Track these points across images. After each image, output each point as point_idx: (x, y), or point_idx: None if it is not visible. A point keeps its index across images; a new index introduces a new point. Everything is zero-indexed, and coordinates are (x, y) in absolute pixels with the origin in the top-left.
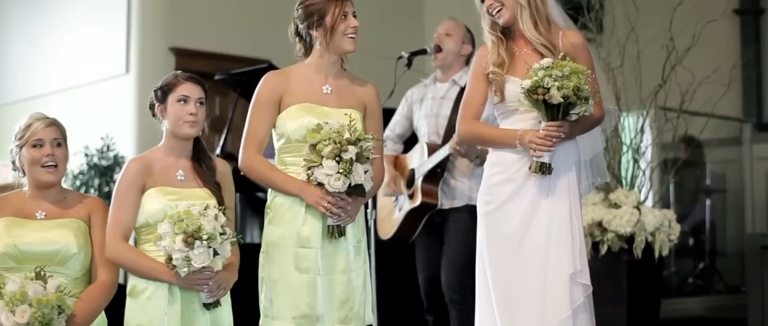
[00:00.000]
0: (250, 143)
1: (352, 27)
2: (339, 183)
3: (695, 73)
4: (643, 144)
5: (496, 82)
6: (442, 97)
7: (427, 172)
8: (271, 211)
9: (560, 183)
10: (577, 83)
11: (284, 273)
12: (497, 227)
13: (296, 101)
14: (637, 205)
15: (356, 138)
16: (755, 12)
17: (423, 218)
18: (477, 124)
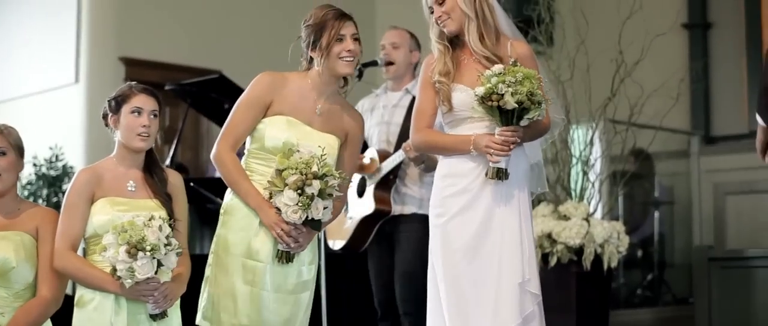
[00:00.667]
0: (228, 137)
1: (347, 50)
2: (296, 216)
3: (644, 87)
4: (593, 156)
5: (443, 91)
6: (395, 105)
7: (379, 179)
8: (227, 214)
9: (512, 191)
10: (530, 87)
11: (230, 279)
12: (451, 238)
13: (285, 111)
14: (586, 217)
15: (323, 174)
16: (703, 26)
17: (376, 225)
18: (430, 132)
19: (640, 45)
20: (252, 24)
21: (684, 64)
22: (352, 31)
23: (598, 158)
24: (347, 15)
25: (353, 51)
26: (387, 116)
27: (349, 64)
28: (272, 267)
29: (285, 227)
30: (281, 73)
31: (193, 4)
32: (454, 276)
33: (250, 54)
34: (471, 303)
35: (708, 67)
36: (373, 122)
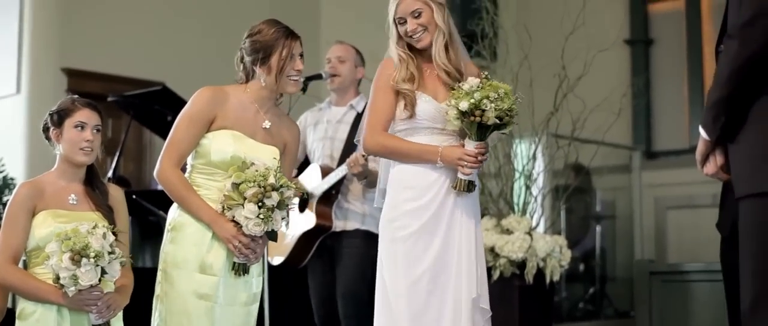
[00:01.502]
0: (171, 154)
1: (296, 70)
2: (257, 229)
3: (586, 102)
4: (535, 171)
5: (409, 97)
6: (339, 121)
7: (321, 194)
8: (175, 230)
9: (469, 206)
10: (510, 104)
11: (182, 296)
12: (415, 255)
13: (229, 125)
14: (528, 231)
15: (280, 185)
16: (645, 42)
17: (316, 240)
18: (389, 136)
19: (583, 60)
20: (195, 36)
21: (626, 80)
22: (300, 49)
23: (541, 172)
24: (296, 34)
25: (301, 70)
26: (331, 131)
27: (297, 83)
28: (225, 281)
29: (244, 240)
30: (221, 88)
31: (136, 16)
32: (416, 292)
33: (193, 66)
34: (429, 318)
35: (649, 82)
36: (316, 137)
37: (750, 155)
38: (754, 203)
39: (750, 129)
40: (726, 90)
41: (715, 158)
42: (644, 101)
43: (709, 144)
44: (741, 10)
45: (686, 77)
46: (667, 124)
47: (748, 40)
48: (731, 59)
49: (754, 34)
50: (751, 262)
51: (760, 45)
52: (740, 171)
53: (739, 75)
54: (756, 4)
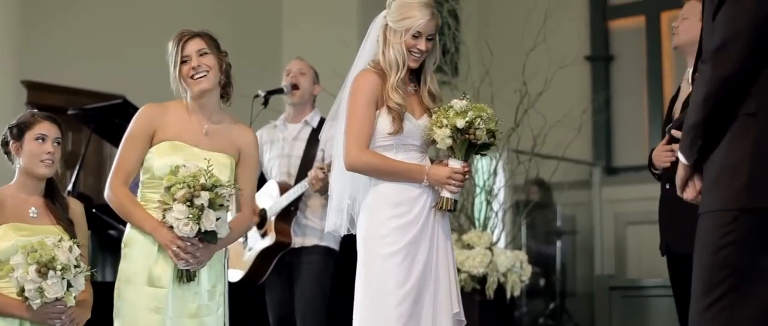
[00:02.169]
0: (118, 174)
1: (193, 68)
2: (187, 228)
3: (547, 117)
4: (496, 186)
5: (398, 113)
6: (295, 138)
7: (280, 210)
8: (127, 246)
9: (446, 222)
10: (495, 126)
11: (134, 311)
12: (400, 273)
13: (169, 137)
14: (489, 246)
15: (212, 184)
16: (605, 59)
17: (275, 257)
18: (374, 154)
19: (544, 76)
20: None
21: (586, 96)
22: (198, 47)
23: (502, 187)
24: (190, 33)
25: (199, 67)
26: (287, 148)
27: (201, 81)
28: (173, 292)
29: (180, 244)
30: (162, 103)
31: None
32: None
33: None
34: None
35: (610, 99)
36: (272, 155)
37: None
38: (709, 219)
39: (722, 148)
40: (701, 114)
41: (693, 184)
42: (604, 117)
43: (689, 169)
44: (714, 35)
45: (646, 94)
46: (627, 140)
47: (720, 64)
48: (705, 83)
49: (726, 57)
50: (699, 274)
51: (732, 68)
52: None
53: (714, 98)
54: (728, 28)
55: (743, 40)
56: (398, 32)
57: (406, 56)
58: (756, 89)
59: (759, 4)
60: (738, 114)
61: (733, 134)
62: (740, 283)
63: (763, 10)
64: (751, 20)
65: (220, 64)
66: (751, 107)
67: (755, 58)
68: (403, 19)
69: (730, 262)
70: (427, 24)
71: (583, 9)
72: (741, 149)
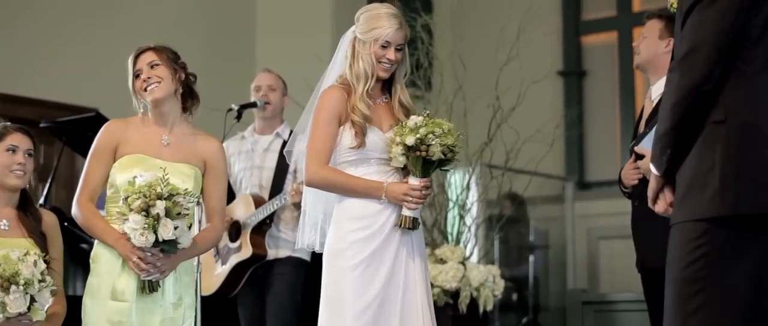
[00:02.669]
0: (84, 190)
1: (144, 81)
2: (143, 238)
3: (520, 132)
4: (469, 201)
5: (360, 126)
6: (266, 149)
7: (256, 224)
8: (94, 262)
9: (415, 241)
10: (453, 140)
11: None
12: (361, 285)
13: (131, 150)
14: (462, 261)
15: (169, 193)
16: (578, 74)
17: (249, 270)
18: (332, 170)
19: (517, 91)
20: None
21: (559, 111)
22: (149, 59)
23: (475, 202)
24: (145, 48)
25: (150, 79)
26: (258, 160)
27: (152, 91)
28: (136, 305)
29: (140, 254)
30: (124, 119)
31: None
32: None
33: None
34: None
35: (582, 114)
36: (241, 166)
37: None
38: (680, 230)
39: (691, 158)
40: (670, 122)
41: (664, 196)
42: (577, 132)
43: (660, 180)
44: (681, 43)
45: (618, 109)
46: (599, 155)
47: (686, 73)
48: (673, 92)
49: (693, 65)
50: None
51: (699, 76)
52: (677, 198)
53: (682, 107)
54: (694, 37)
55: (709, 48)
56: (367, 43)
57: (375, 66)
58: (724, 97)
59: (725, 12)
60: (706, 122)
61: (701, 142)
62: (714, 297)
63: (729, 18)
64: (717, 28)
65: (174, 75)
66: (719, 114)
67: (722, 66)
68: (372, 29)
69: (703, 275)
70: (396, 33)
71: (556, 24)
72: (710, 158)
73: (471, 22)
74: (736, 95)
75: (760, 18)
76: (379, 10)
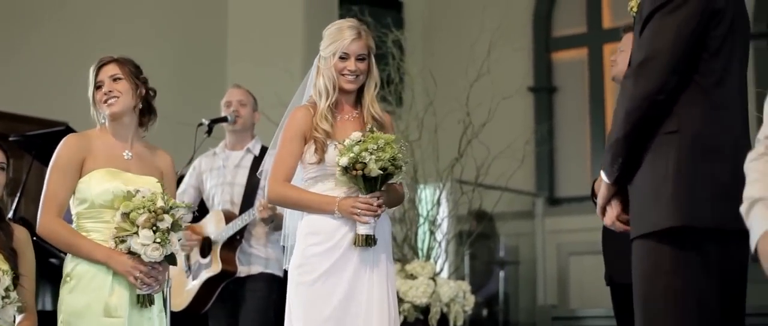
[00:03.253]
0: (50, 207)
1: (105, 93)
2: (156, 253)
3: (491, 148)
4: (440, 216)
5: (320, 143)
6: (237, 165)
7: (226, 239)
8: (73, 279)
9: (378, 254)
10: (392, 153)
11: None
12: (318, 300)
13: (99, 165)
14: (432, 276)
15: (170, 207)
16: (548, 90)
17: (219, 286)
18: (289, 187)
19: (488, 107)
20: None
21: (529, 127)
22: (111, 72)
23: (445, 217)
24: (107, 59)
25: (111, 92)
26: (230, 176)
27: (111, 105)
28: (129, 321)
29: (144, 269)
30: (84, 132)
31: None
32: None
33: None
34: None
35: (553, 129)
36: (214, 183)
37: (641, 196)
38: (641, 245)
39: (644, 170)
40: (622, 130)
41: (612, 207)
42: (547, 148)
43: (611, 187)
44: (637, 51)
45: (588, 125)
46: (569, 171)
47: (641, 80)
48: (626, 100)
49: (648, 74)
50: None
51: (653, 85)
52: (633, 213)
53: (635, 115)
54: (651, 45)
55: (667, 57)
56: (327, 58)
57: (337, 80)
58: (678, 107)
59: (685, 21)
60: (660, 132)
61: (654, 153)
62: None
63: (689, 28)
64: (676, 37)
65: (135, 90)
66: (673, 125)
67: (678, 76)
68: (331, 43)
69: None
70: (353, 43)
71: (526, 41)
72: (663, 169)
73: (442, 38)
74: (691, 107)
75: (720, 30)
76: (339, 24)
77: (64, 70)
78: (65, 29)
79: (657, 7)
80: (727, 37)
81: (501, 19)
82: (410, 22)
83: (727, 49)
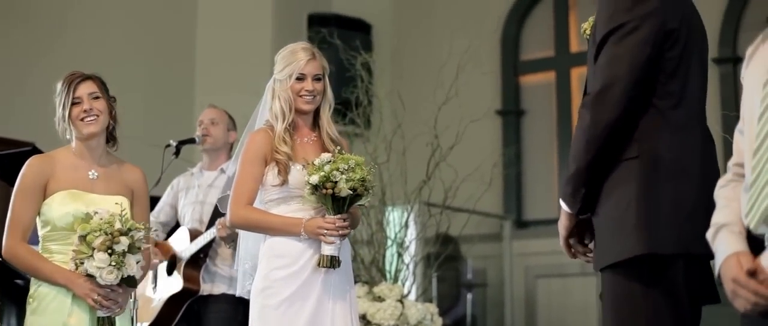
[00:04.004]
0: (14, 230)
1: (84, 111)
2: (111, 276)
3: (458, 171)
4: (408, 238)
5: (283, 164)
6: (210, 185)
7: (189, 257)
8: (35, 301)
9: (341, 278)
10: (362, 174)
11: None
12: (286, 320)
13: (62, 187)
14: (400, 298)
15: (127, 228)
16: (516, 113)
17: (184, 304)
18: (253, 209)
19: (456, 130)
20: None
21: (497, 150)
22: (90, 90)
23: (413, 240)
24: (82, 75)
25: (90, 110)
26: (201, 195)
27: (90, 124)
28: None
29: (101, 292)
30: (48, 153)
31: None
32: None
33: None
34: None
35: (520, 153)
36: (187, 201)
37: (605, 225)
38: (609, 275)
39: (606, 198)
40: (584, 161)
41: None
42: (515, 171)
43: (573, 218)
44: (594, 79)
45: (556, 148)
46: (537, 194)
47: (599, 109)
48: (586, 129)
49: (607, 101)
50: None
51: (612, 113)
52: (599, 242)
53: (595, 144)
54: (608, 73)
55: (625, 84)
56: (283, 81)
57: (294, 101)
58: (638, 133)
59: (640, 45)
60: (620, 159)
61: (615, 181)
62: None
63: (641, 54)
64: (632, 63)
65: (109, 109)
66: (633, 151)
67: (635, 103)
68: (286, 66)
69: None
70: (309, 64)
71: (494, 64)
72: (625, 197)
73: (410, 60)
74: (650, 131)
75: (675, 50)
76: (291, 47)
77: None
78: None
79: (610, 31)
80: (682, 57)
81: (469, 42)
82: (379, 44)
83: (683, 69)
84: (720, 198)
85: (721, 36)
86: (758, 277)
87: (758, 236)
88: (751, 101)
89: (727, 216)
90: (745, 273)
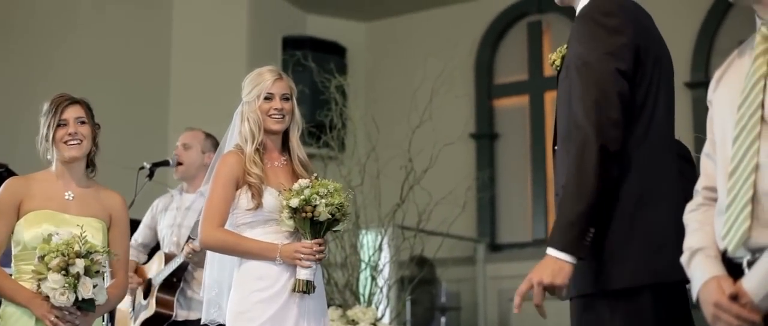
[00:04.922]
0: None
1: (68, 134)
2: (64, 298)
3: (432, 194)
4: (381, 262)
5: (256, 188)
6: (188, 207)
7: (162, 281)
8: (2, 319)
9: (317, 302)
10: (340, 200)
11: None
12: None
13: (35, 207)
14: (374, 322)
15: (87, 251)
16: (490, 136)
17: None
18: (227, 232)
19: (430, 153)
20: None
21: (471, 173)
22: (77, 114)
23: (387, 263)
24: (70, 99)
25: (76, 134)
26: (179, 218)
27: (73, 148)
28: None
29: (58, 314)
30: (25, 176)
31: None
32: None
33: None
34: None
35: (494, 176)
36: (165, 224)
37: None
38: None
39: None
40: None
41: None
42: (489, 195)
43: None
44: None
45: (530, 171)
46: (511, 217)
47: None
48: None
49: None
50: None
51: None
52: None
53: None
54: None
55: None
56: (251, 102)
57: (263, 121)
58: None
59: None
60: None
61: None
62: None
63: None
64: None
65: (93, 135)
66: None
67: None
68: (253, 88)
69: None
70: (276, 84)
71: (468, 87)
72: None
73: (385, 84)
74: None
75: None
76: (258, 70)
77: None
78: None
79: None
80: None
81: (443, 66)
82: (353, 67)
83: (651, 97)
84: (691, 222)
85: (693, 60)
86: (740, 301)
87: (735, 259)
88: (722, 123)
89: (701, 240)
90: (727, 297)
